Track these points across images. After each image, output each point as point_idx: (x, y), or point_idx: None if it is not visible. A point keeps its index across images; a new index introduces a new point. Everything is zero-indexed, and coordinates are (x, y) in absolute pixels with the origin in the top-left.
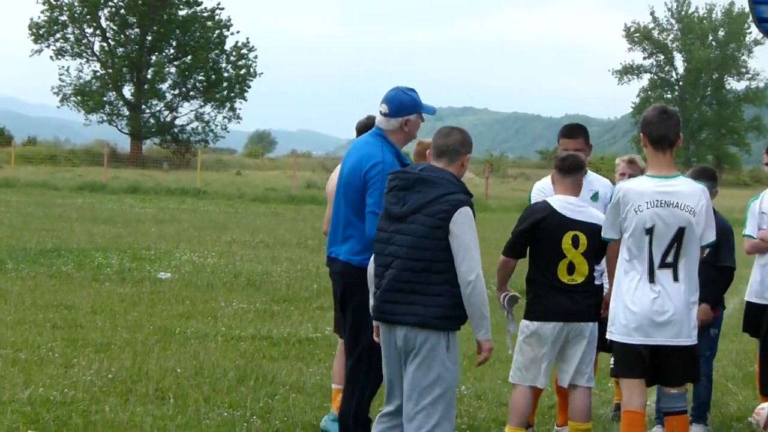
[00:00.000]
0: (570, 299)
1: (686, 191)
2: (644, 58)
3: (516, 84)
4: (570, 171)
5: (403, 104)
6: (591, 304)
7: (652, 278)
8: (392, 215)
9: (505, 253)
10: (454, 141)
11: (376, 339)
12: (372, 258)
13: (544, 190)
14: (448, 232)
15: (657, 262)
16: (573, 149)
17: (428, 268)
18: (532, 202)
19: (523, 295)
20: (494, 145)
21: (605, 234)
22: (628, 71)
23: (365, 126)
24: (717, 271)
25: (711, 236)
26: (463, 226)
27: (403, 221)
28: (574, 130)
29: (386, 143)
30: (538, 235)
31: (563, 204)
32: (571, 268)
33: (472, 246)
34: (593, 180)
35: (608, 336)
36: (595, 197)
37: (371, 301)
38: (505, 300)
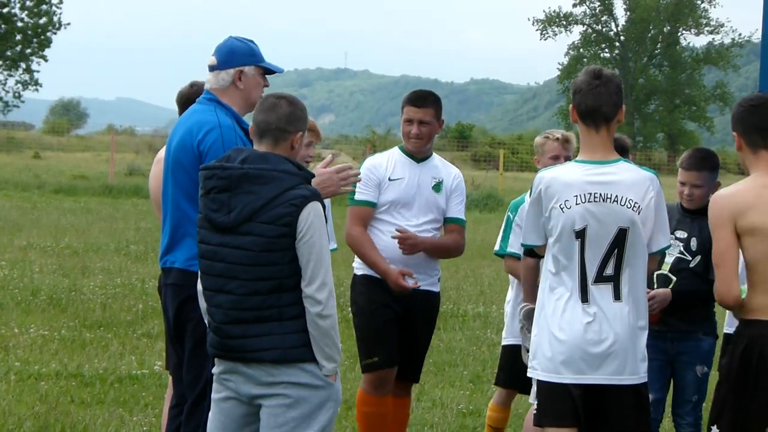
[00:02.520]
0: None
1: (628, 180)
2: (575, 5)
3: (406, 39)
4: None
5: (235, 51)
6: None
7: (585, 297)
8: (218, 226)
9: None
10: (279, 116)
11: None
12: (200, 276)
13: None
14: (294, 239)
15: (592, 275)
16: (419, 120)
17: (278, 288)
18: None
19: None
20: (378, 119)
21: (525, 240)
22: (554, 21)
23: (189, 96)
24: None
25: (663, 240)
26: (313, 230)
27: (233, 233)
28: (425, 98)
29: (220, 107)
30: None
31: None
32: None
33: (325, 255)
34: (438, 166)
35: (530, 373)
36: (437, 187)
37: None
38: (521, 312)
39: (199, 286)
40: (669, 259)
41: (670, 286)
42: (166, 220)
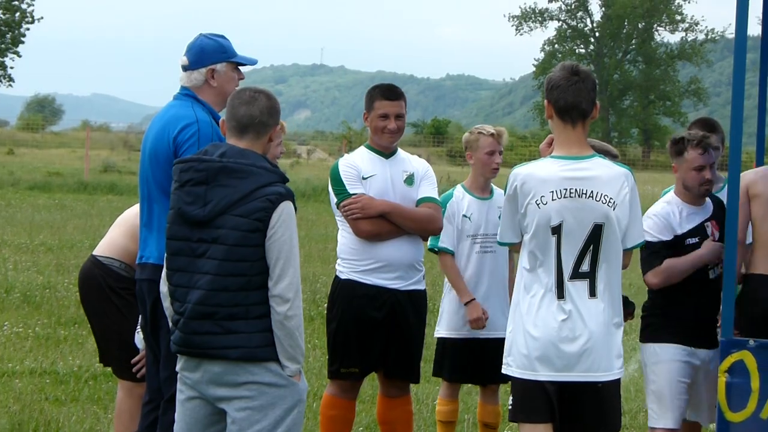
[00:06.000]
0: None
1: (604, 176)
2: (550, 1)
3: (382, 35)
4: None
5: (206, 50)
6: None
7: (561, 293)
8: (191, 219)
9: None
10: (261, 110)
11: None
12: (164, 274)
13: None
14: (265, 236)
15: (568, 271)
16: (395, 114)
17: (246, 285)
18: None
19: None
20: (354, 115)
21: (501, 238)
22: (529, 17)
23: None
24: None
25: (638, 236)
26: (284, 228)
27: (207, 226)
28: (397, 91)
29: (197, 103)
30: None
31: None
32: None
33: (295, 254)
34: (405, 159)
35: (504, 370)
36: (409, 180)
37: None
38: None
39: (163, 288)
40: None
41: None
42: (143, 215)
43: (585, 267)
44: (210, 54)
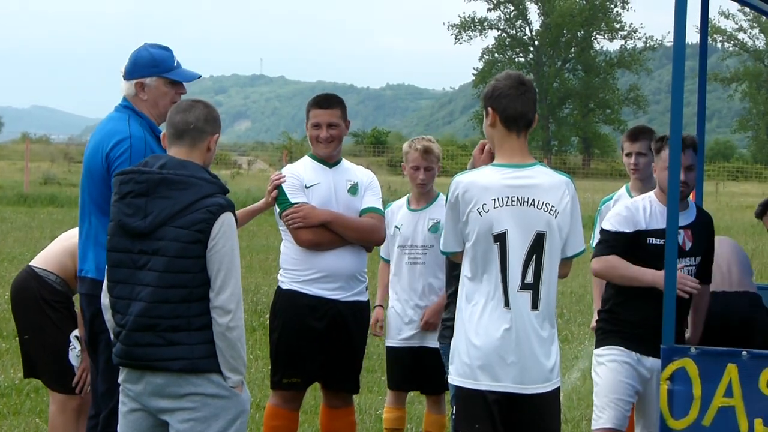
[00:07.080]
0: None
1: (546, 184)
2: (489, 10)
3: (321, 45)
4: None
5: (138, 63)
6: None
7: (506, 303)
8: (131, 230)
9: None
10: (196, 117)
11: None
12: (105, 286)
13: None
14: (206, 247)
15: (515, 282)
16: (327, 123)
17: (188, 297)
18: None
19: None
20: (294, 125)
21: (444, 247)
22: (468, 26)
23: None
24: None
25: (579, 244)
26: (225, 239)
27: (148, 238)
28: (331, 99)
29: (135, 116)
30: None
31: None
32: None
33: (236, 265)
34: (350, 169)
35: (449, 378)
36: (353, 190)
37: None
38: None
39: (104, 300)
40: None
41: None
42: (82, 229)
43: (529, 278)
44: (141, 67)
